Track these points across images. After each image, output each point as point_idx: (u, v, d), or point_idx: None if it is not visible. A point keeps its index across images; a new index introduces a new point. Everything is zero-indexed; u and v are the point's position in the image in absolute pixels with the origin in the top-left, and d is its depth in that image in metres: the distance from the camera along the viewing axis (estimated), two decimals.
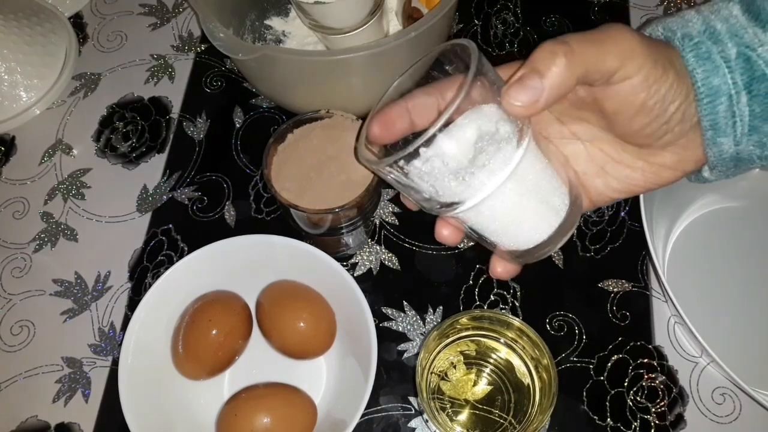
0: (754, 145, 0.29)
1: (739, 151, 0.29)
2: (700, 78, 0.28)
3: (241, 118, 0.54)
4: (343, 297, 0.41)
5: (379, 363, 0.38)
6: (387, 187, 0.50)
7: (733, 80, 0.28)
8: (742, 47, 0.28)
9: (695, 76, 0.28)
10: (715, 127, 0.29)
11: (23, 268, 0.49)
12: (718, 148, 0.29)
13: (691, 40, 0.28)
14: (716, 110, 0.28)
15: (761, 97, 0.28)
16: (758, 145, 0.29)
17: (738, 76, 0.28)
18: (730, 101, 0.28)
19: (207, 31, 0.43)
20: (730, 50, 0.28)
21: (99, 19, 0.61)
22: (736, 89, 0.28)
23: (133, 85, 0.57)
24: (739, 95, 0.28)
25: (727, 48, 0.28)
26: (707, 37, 0.28)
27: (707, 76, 0.28)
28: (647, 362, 0.43)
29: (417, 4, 0.53)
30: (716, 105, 0.28)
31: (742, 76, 0.28)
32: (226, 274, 0.43)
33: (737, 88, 0.28)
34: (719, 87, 0.28)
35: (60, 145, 0.55)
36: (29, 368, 0.45)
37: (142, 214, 0.51)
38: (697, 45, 0.28)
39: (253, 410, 0.39)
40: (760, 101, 0.28)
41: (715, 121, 0.28)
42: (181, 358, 0.41)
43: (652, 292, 0.46)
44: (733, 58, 0.28)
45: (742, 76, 0.28)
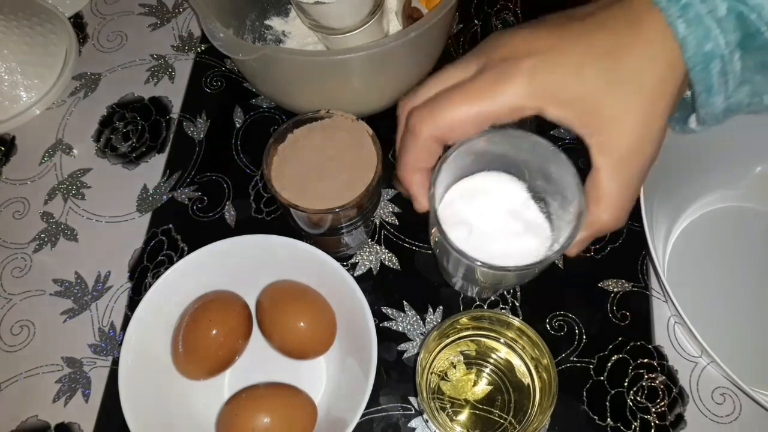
0: (744, 95, 0.28)
1: (730, 103, 0.28)
2: (692, 45, 0.26)
3: (241, 118, 0.54)
4: (343, 297, 0.41)
5: (379, 363, 0.38)
6: (387, 186, 0.50)
7: (726, 40, 0.26)
8: (732, 2, 0.25)
9: (686, 44, 0.26)
10: (708, 90, 0.27)
11: (23, 268, 0.49)
12: (711, 106, 0.28)
13: (677, 3, 0.26)
14: (710, 74, 0.27)
15: (754, 52, 0.26)
16: (749, 94, 0.28)
17: (731, 35, 0.26)
18: (723, 62, 0.26)
19: (207, 31, 0.43)
20: (720, 7, 0.25)
21: (99, 19, 0.61)
22: (729, 48, 0.26)
23: (133, 85, 0.57)
24: (732, 54, 0.26)
25: (717, 5, 0.25)
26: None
27: (699, 43, 0.26)
28: (647, 362, 0.43)
29: (417, 4, 0.53)
30: (710, 69, 0.26)
31: (735, 33, 0.26)
32: (226, 274, 0.43)
33: (730, 47, 0.26)
34: (712, 51, 0.26)
35: (60, 145, 0.55)
36: (29, 368, 0.45)
37: (142, 214, 0.51)
38: (684, 8, 0.26)
39: (253, 410, 0.39)
40: (753, 55, 0.26)
41: (709, 84, 0.27)
42: (181, 358, 0.41)
43: (652, 292, 0.46)
44: (724, 16, 0.25)
45: (734, 33, 0.26)
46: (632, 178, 0.28)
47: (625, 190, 0.28)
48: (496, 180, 0.34)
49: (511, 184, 0.34)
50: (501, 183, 0.34)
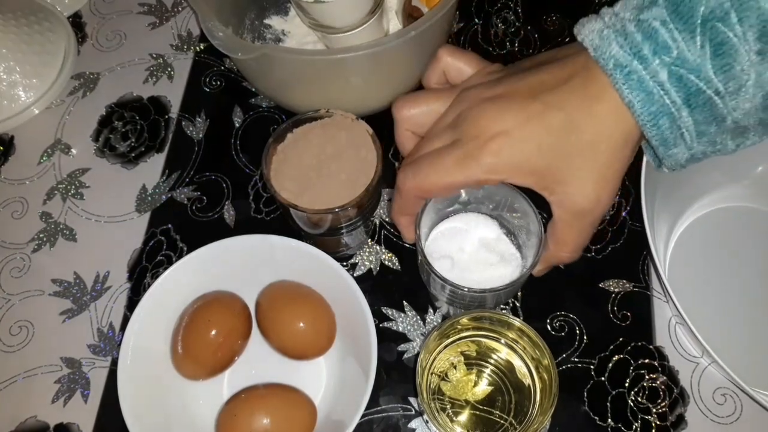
0: (705, 145, 0.31)
1: (693, 153, 0.31)
2: (638, 107, 0.29)
3: (240, 117, 0.54)
4: (343, 297, 0.40)
5: (379, 363, 0.38)
6: (387, 186, 0.50)
7: (671, 100, 0.29)
8: (672, 66, 0.28)
9: (633, 107, 0.29)
10: (665, 143, 0.30)
11: (22, 268, 0.49)
12: (673, 157, 0.31)
13: (621, 70, 0.29)
14: (661, 130, 0.30)
15: (701, 107, 0.29)
16: (709, 143, 0.31)
17: (675, 96, 0.28)
18: (672, 119, 0.29)
19: (206, 30, 0.43)
20: (661, 73, 0.28)
21: (98, 18, 0.61)
22: (675, 107, 0.29)
23: (132, 85, 0.57)
24: (679, 111, 0.29)
25: (658, 71, 0.28)
26: (637, 61, 0.29)
27: (643, 104, 0.29)
28: (648, 363, 0.43)
29: (417, 3, 0.53)
30: (660, 125, 0.29)
31: (678, 94, 0.28)
32: (225, 274, 0.43)
33: (676, 106, 0.29)
34: (658, 110, 0.29)
35: (59, 145, 0.54)
36: (28, 369, 0.45)
37: (141, 213, 0.51)
38: (628, 75, 0.29)
39: (252, 410, 0.39)
40: (701, 110, 0.29)
41: (663, 138, 0.30)
42: (181, 359, 0.40)
43: (653, 292, 0.46)
44: (666, 80, 0.28)
45: (678, 94, 0.28)
46: (586, 228, 0.34)
47: (578, 237, 0.34)
48: (473, 220, 0.41)
49: (485, 222, 0.41)
50: (477, 222, 0.41)
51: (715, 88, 0.28)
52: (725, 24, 0.27)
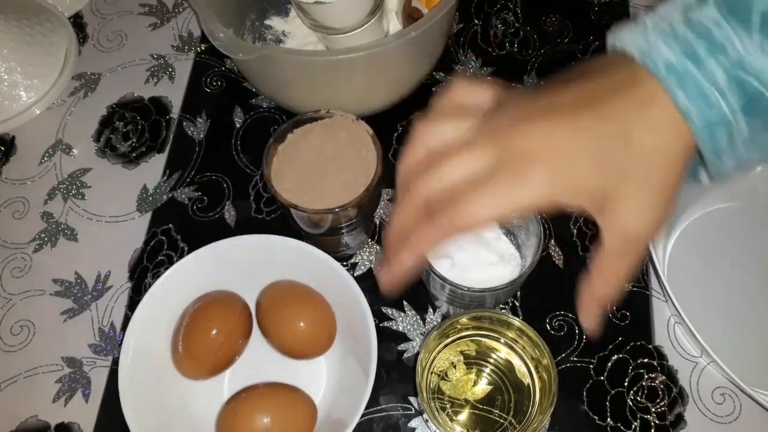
0: (755, 153, 0.28)
1: (741, 161, 0.29)
2: (695, 116, 0.26)
3: (241, 118, 0.54)
4: (343, 297, 0.41)
5: (379, 363, 0.38)
6: (387, 186, 0.50)
7: (729, 107, 0.26)
8: (730, 68, 0.26)
9: (689, 114, 0.27)
10: (717, 154, 0.28)
11: (23, 267, 0.49)
12: (721, 168, 0.29)
13: (674, 71, 0.26)
14: (717, 141, 0.27)
15: (759, 114, 0.26)
16: (759, 151, 0.28)
17: (733, 102, 0.26)
18: (728, 128, 0.27)
19: (207, 31, 0.43)
20: (718, 75, 0.26)
21: (99, 19, 0.61)
22: (733, 114, 0.26)
23: (133, 85, 0.57)
24: (737, 119, 0.27)
25: (715, 73, 0.26)
26: (691, 62, 0.26)
27: (701, 112, 0.26)
28: (647, 362, 0.43)
29: (417, 3, 0.53)
30: (716, 136, 0.27)
31: (737, 99, 0.26)
32: (226, 274, 0.43)
33: (734, 113, 0.26)
34: (716, 118, 0.26)
35: (60, 145, 0.55)
36: (29, 368, 0.45)
37: (142, 213, 0.51)
38: (683, 78, 0.26)
39: (253, 410, 0.39)
40: (759, 118, 0.27)
41: (717, 150, 0.28)
42: (181, 358, 0.41)
43: (652, 292, 0.46)
44: (724, 84, 0.26)
45: (737, 99, 0.26)
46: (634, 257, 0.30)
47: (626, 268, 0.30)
48: None
49: None
50: None
51: None
52: None
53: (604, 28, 0.57)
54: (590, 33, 0.57)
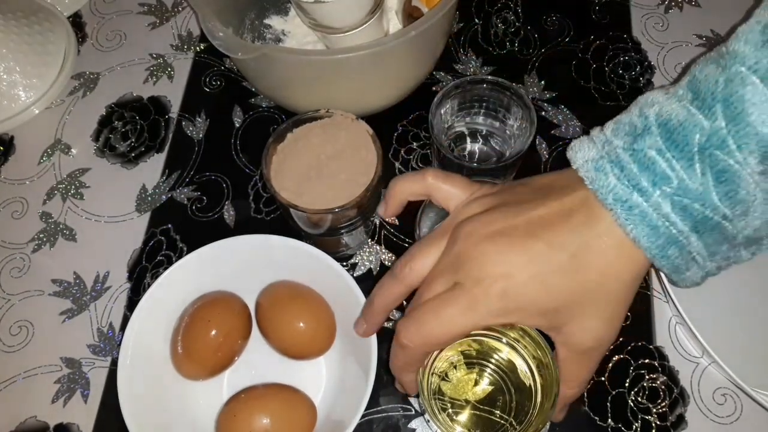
0: (719, 261, 0.30)
1: (708, 270, 0.30)
2: (645, 242, 0.28)
3: (240, 117, 0.54)
4: (343, 297, 0.40)
5: (379, 363, 0.38)
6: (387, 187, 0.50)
7: (677, 230, 0.28)
8: (674, 197, 0.27)
9: (639, 241, 0.28)
10: (676, 270, 0.30)
11: (22, 268, 0.49)
12: (688, 279, 0.31)
13: (621, 202, 0.28)
14: (670, 259, 0.29)
15: (709, 232, 0.28)
16: (723, 259, 0.30)
17: (681, 225, 0.28)
18: (680, 247, 0.28)
19: (206, 30, 0.43)
20: (664, 204, 0.27)
21: (98, 18, 0.61)
22: (683, 236, 0.28)
23: (132, 85, 0.57)
24: (688, 239, 0.28)
25: (660, 203, 0.27)
26: (637, 193, 0.28)
27: (650, 239, 0.28)
28: (648, 363, 0.43)
29: (417, 3, 0.53)
30: (669, 256, 0.29)
31: (685, 223, 0.28)
32: (225, 274, 0.43)
33: (684, 234, 0.28)
34: (666, 242, 0.28)
35: (59, 145, 0.54)
36: (28, 369, 0.45)
37: (141, 213, 0.51)
38: (630, 209, 0.28)
39: (252, 411, 0.38)
40: (710, 235, 0.28)
41: (674, 266, 0.29)
42: (181, 359, 0.40)
43: (653, 292, 0.46)
44: (669, 211, 0.27)
45: (684, 223, 0.28)
46: (592, 364, 0.33)
47: (585, 373, 0.33)
48: None
49: None
50: None
51: (722, 213, 0.27)
52: (724, 151, 0.26)
53: (604, 27, 0.57)
54: (590, 32, 0.57)
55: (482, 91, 0.45)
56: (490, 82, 0.44)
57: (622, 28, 0.57)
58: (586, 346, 0.32)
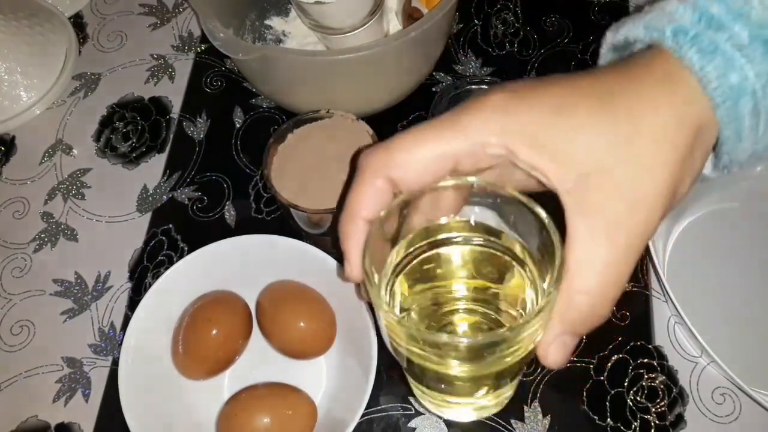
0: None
1: (757, 148, 0.23)
2: (714, 77, 0.21)
3: (241, 118, 0.54)
4: (343, 297, 0.40)
5: (379, 363, 0.38)
6: None
7: (755, 71, 0.21)
8: (753, 28, 0.21)
9: (706, 78, 0.21)
10: (739, 134, 0.22)
11: (23, 268, 0.49)
12: (737, 152, 0.23)
13: (686, 34, 0.21)
14: (740, 114, 0.22)
15: None
16: None
17: (759, 66, 0.21)
18: (755, 99, 0.21)
19: (207, 31, 0.43)
20: (740, 34, 0.21)
21: (99, 19, 0.61)
22: (760, 81, 0.21)
23: (133, 85, 0.57)
24: (765, 89, 0.21)
25: (736, 32, 0.21)
26: (706, 26, 0.21)
27: (721, 73, 0.21)
28: (647, 362, 0.43)
29: (417, 3, 0.53)
30: (740, 108, 0.22)
31: (764, 63, 0.21)
32: (226, 274, 0.43)
33: (761, 80, 0.21)
34: (740, 85, 0.21)
35: (60, 145, 0.55)
36: (29, 368, 0.45)
37: (142, 214, 0.51)
38: (696, 38, 0.21)
39: (253, 410, 0.39)
40: None
41: (739, 128, 0.22)
42: (181, 358, 0.41)
43: (652, 291, 0.46)
44: (746, 44, 0.21)
45: (764, 64, 0.21)
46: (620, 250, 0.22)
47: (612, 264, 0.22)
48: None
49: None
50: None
51: None
52: None
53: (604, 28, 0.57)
54: (590, 33, 0.57)
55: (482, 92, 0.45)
56: (489, 82, 0.44)
57: None
58: (609, 211, 0.21)
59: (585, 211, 0.22)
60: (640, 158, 0.21)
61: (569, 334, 0.23)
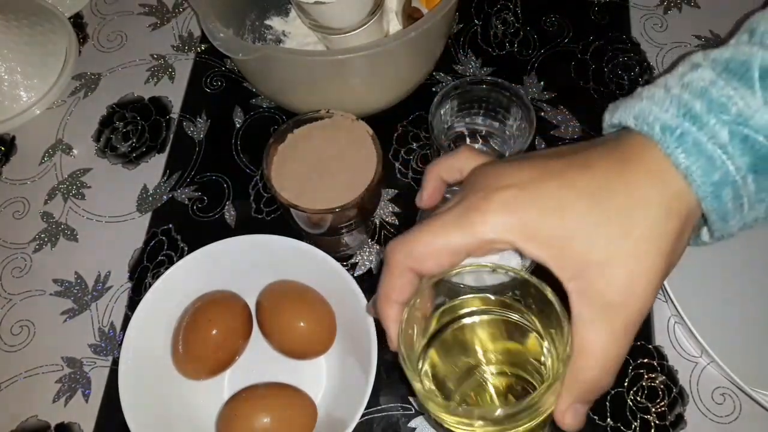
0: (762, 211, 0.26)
1: (746, 221, 0.26)
2: (698, 176, 0.24)
3: (241, 118, 0.54)
4: (343, 297, 0.41)
5: (379, 363, 0.38)
6: (387, 186, 0.50)
7: (735, 166, 0.24)
8: (733, 126, 0.24)
9: (691, 177, 0.24)
10: (724, 217, 0.25)
11: (23, 268, 0.49)
12: (726, 230, 0.26)
13: (672, 133, 0.24)
14: (723, 203, 0.24)
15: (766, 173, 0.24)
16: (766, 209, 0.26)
17: (739, 160, 0.24)
18: (736, 189, 0.24)
19: (207, 31, 0.43)
20: (721, 134, 0.24)
21: (99, 19, 0.61)
22: (740, 174, 0.24)
23: (134, 85, 0.57)
24: (745, 179, 0.24)
25: (717, 132, 0.24)
26: (690, 122, 0.24)
27: (705, 172, 0.24)
28: (647, 362, 0.43)
29: (417, 4, 0.53)
30: (722, 198, 0.24)
31: (743, 158, 0.24)
32: (226, 274, 0.43)
33: (741, 173, 0.24)
34: (721, 180, 0.24)
35: (60, 145, 0.55)
36: (29, 368, 0.45)
37: (142, 214, 0.51)
38: (681, 138, 0.24)
39: (252, 410, 0.39)
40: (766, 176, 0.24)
41: (723, 212, 0.25)
42: (181, 358, 0.41)
43: None
44: (727, 142, 0.23)
45: (743, 158, 0.24)
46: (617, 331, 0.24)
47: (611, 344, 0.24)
48: None
49: None
50: None
51: None
52: None
53: (603, 28, 0.57)
54: (590, 33, 0.57)
55: (482, 92, 0.45)
56: (489, 82, 0.44)
57: (621, 29, 0.57)
58: (608, 297, 0.24)
59: (586, 298, 0.24)
60: (634, 250, 0.24)
61: (578, 402, 0.26)
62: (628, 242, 0.24)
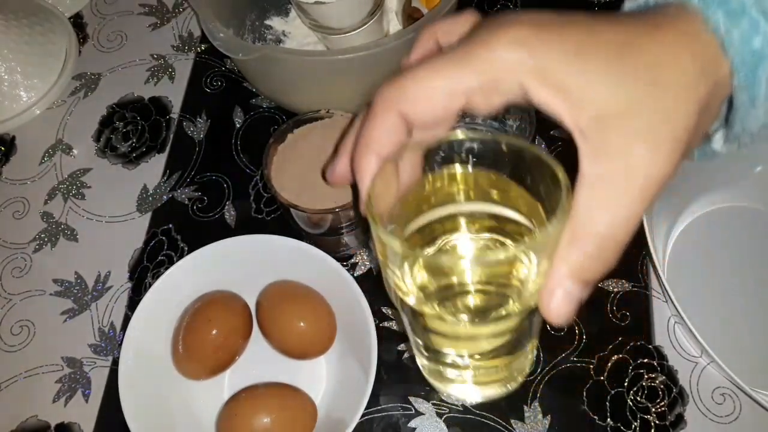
0: None
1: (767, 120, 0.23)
2: (737, 40, 0.21)
3: (241, 118, 0.54)
4: (343, 297, 0.41)
5: (379, 363, 0.38)
6: None
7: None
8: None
9: (729, 39, 0.21)
10: (753, 100, 0.22)
11: (23, 268, 0.49)
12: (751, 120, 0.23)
13: None
14: (757, 79, 0.21)
15: None
16: None
17: None
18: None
19: (207, 31, 0.43)
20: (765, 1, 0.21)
21: (99, 19, 0.61)
22: None
23: (134, 85, 0.57)
24: None
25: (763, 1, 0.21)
26: None
27: (744, 38, 0.21)
28: (647, 362, 0.43)
29: (417, 4, 0.53)
30: (757, 73, 0.21)
31: None
32: (226, 274, 0.43)
33: None
34: (761, 51, 0.21)
35: (60, 145, 0.55)
36: (29, 368, 0.45)
37: (142, 214, 0.51)
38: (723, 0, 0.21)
39: (252, 410, 0.39)
40: None
41: (755, 94, 0.22)
42: (181, 358, 0.41)
43: (652, 292, 0.46)
44: None
45: None
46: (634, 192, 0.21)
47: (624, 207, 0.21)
48: None
49: None
50: None
51: None
52: None
53: None
54: None
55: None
56: None
57: None
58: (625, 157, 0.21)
59: (603, 152, 0.21)
60: (660, 104, 0.21)
61: (574, 280, 0.22)
62: (654, 95, 0.21)
